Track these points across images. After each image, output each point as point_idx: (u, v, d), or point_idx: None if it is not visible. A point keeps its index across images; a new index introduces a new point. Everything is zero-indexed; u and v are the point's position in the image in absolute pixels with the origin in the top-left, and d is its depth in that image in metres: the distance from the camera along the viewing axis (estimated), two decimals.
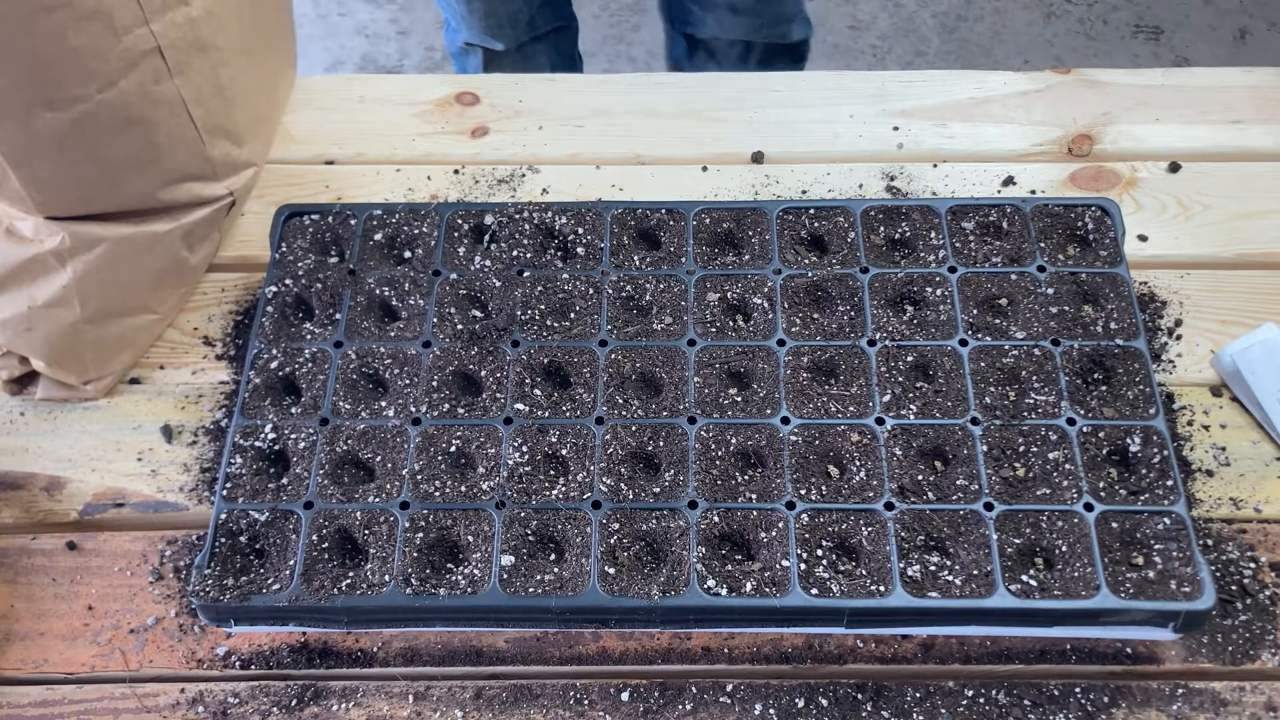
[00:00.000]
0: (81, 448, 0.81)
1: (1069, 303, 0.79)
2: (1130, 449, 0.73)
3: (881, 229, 0.83)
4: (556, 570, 0.70)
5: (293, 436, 0.75)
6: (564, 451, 0.74)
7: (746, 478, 0.73)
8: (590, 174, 0.94)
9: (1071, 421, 0.74)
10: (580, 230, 0.84)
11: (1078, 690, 0.69)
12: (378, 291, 0.81)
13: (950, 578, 0.68)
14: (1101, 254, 0.82)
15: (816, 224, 0.84)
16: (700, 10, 1.37)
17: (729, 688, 0.70)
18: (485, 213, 0.85)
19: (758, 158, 0.95)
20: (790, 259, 0.82)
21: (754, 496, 0.72)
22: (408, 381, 0.77)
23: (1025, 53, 2.06)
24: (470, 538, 0.71)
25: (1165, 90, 0.98)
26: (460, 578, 0.69)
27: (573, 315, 0.80)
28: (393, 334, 0.79)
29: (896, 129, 0.96)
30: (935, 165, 0.93)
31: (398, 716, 0.69)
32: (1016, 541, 0.70)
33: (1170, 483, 0.71)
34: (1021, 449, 0.73)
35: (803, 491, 0.72)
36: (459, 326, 0.79)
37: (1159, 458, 0.72)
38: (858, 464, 0.73)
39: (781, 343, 0.78)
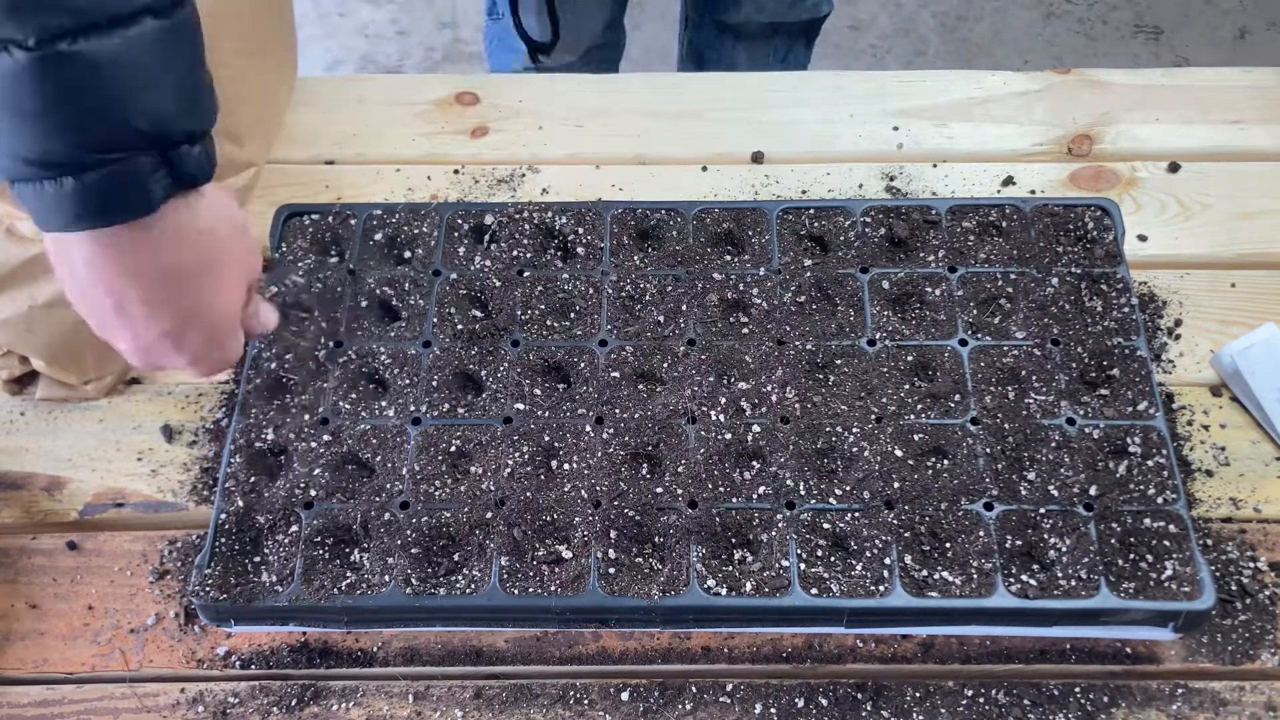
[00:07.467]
0: (81, 448, 0.81)
1: (1069, 303, 0.79)
2: (1130, 449, 0.73)
3: (881, 229, 0.83)
4: (556, 570, 0.70)
5: (293, 437, 0.75)
6: (564, 451, 0.74)
7: (747, 477, 0.73)
8: (590, 174, 0.94)
9: (1071, 421, 0.74)
10: (580, 230, 0.84)
11: (1078, 690, 0.69)
12: (378, 291, 0.81)
13: (950, 578, 0.68)
14: (1101, 254, 0.82)
15: (816, 224, 0.84)
16: None
17: (729, 687, 0.70)
18: (485, 213, 0.85)
19: (758, 158, 0.95)
20: (790, 259, 0.82)
21: (754, 496, 0.72)
22: (408, 381, 0.77)
23: (1025, 53, 2.06)
24: (470, 537, 0.71)
25: (1165, 90, 0.98)
26: (460, 578, 0.69)
27: (573, 315, 0.80)
28: (393, 334, 0.79)
29: (896, 129, 0.96)
30: (935, 165, 0.93)
31: (398, 716, 0.69)
32: (1016, 541, 0.70)
33: (1170, 483, 0.71)
34: (1022, 449, 0.73)
35: (803, 491, 0.72)
36: (459, 326, 0.79)
37: (1159, 458, 0.72)
38: (858, 464, 0.73)
39: (781, 342, 0.78)
